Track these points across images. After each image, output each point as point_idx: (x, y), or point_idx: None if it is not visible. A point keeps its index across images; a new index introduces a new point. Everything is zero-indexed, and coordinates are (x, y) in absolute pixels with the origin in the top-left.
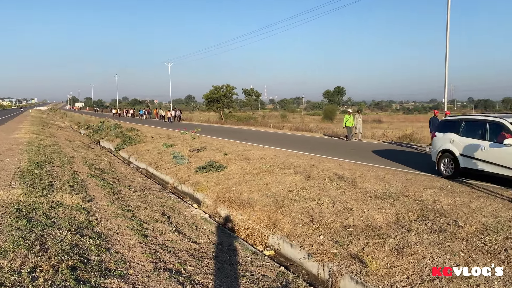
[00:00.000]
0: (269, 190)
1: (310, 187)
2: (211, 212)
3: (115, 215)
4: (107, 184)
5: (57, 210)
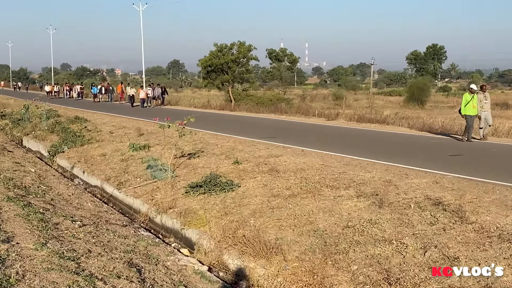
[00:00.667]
0: (313, 224)
1: (384, 221)
2: (212, 262)
3: (49, 267)
4: (35, 213)
5: None
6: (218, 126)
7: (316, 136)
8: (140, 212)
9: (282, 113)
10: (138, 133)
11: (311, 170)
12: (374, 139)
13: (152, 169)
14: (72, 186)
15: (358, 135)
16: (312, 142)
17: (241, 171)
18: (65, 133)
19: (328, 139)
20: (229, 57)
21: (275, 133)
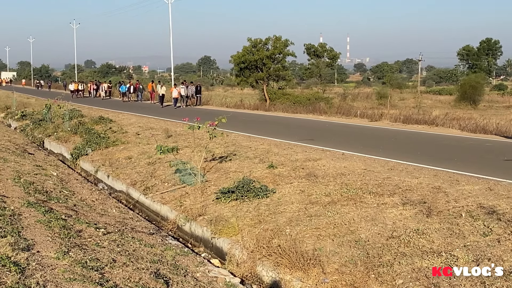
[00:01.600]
0: (354, 234)
1: (432, 231)
2: (245, 273)
3: (71, 277)
4: (57, 219)
5: None
6: (251, 127)
7: (358, 138)
8: (168, 220)
9: (321, 113)
10: (166, 134)
11: (352, 175)
12: (421, 141)
13: (180, 173)
14: (96, 191)
15: (404, 137)
16: (354, 145)
17: (276, 176)
18: (88, 134)
19: (371, 141)
20: (264, 53)
21: (313, 135)
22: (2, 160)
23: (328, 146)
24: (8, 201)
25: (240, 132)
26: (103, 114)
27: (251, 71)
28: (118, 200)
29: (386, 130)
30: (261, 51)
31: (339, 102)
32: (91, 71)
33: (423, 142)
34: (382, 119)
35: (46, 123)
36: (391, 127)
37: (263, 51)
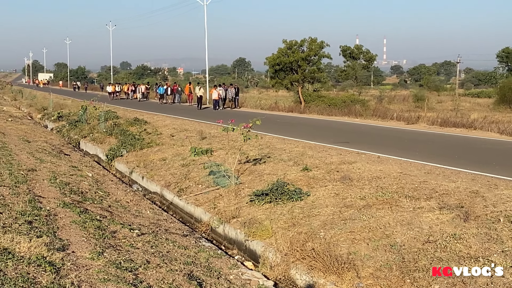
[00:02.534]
0: (389, 238)
1: (470, 236)
2: (278, 276)
3: (105, 277)
4: (92, 220)
5: (3, 265)
6: (286, 129)
7: (394, 141)
8: (202, 221)
9: (356, 116)
10: (200, 136)
11: (388, 178)
12: (459, 145)
13: (214, 175)
14: (130, 192)
15: (441, 140)
16: (390, 148)
17: (310, 178)
18: (123, 136)
19: (407, 144)
20: (299, 54)
21: (348, 138)
22: (38, 161)
23: (364, 149)
24: (44, 202)
25: (275, 134)
26: (138, 115)
27: (286, 73)
28: (152, 202)
29: (423, 133)
30: (296, 53)
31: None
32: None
33: (461, 146)
34: (419, 122)
35: (82, 124)
36: (428, 130)
37: (298, 53)
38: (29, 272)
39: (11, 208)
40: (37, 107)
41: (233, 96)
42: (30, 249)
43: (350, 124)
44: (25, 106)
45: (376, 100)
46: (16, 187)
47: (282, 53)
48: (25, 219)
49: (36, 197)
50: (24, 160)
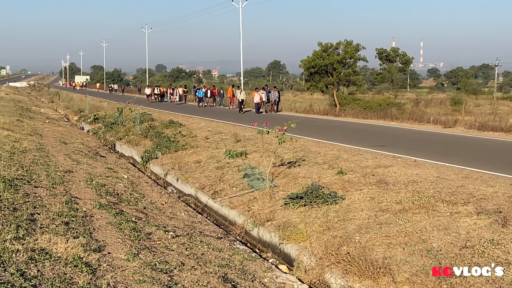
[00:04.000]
0: (426, 243)
1: (508, 241)
2: (313, 280)
3: (140, 279)
4: (127, 221)
5: (40, 265)
6: (321, 132)
7: (431, 145)
8: (236, 224)
9: (392, 119)
10: (234, 139)
11: (424, 182)
12: (497, 149)
13: (249, 178)
14: (165, 194)
15: (479, 144)
16: (426, 152)
17: (345, 182)
18: (158, 138)
19: (444, 148)
20: (335, 57)
21: (384, 141)
22: (75, 163)
23: (400, 153)
24: (81, 203)
25: (309, 137)
26: (173, 118)
27: (321, 76)
28: (186, 204)
29: (461, 136)
30: (331, 55)
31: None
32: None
33: (499, 150)
34: (456, 126)
35: (118, 126)
36: (466, 134)
37: (334, 55)
38: (66, 272)
39: (48, 209)
40: (74, 109)
41: (275, 100)
42: (67, 250)
43: (385, 127)
44: (62, 108)
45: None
46: (53, 188)
47: (317, 56)
48: (62, 220)
49: (73, 198)
50: (61, 162)
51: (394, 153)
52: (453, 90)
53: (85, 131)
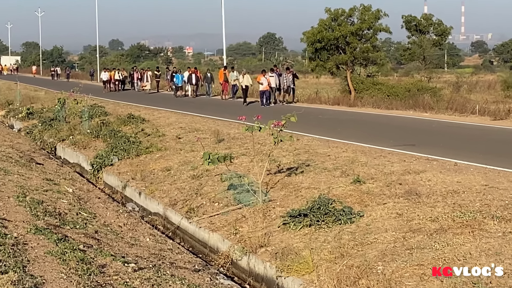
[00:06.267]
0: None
1: None
2: None
3: None
4: (73, 250)
5: None
6: (330, 128)
7: (477, 143)
8: (219, 252)
9: (425, 110)
10: (216, 138)
11: (468, 193)
12: None
13: (235, 190)
14: (124, 214)
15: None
16: (471, 152)
17: (364, 193)
18: (114, 138)
19: (494, 147)
20: (348, 28)
21: (414, 139)
22: (1, 173)
23: (435, 154)
24: (10, 226)
25: (315, 135)
26: (133, 111)
27: (330, 53)
28: (153, 226)
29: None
30: (343, 25)
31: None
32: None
33: None
34: (510, 117)
35: (59, 124)
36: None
37: (347, 25)
38: None
39: None
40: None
41: (289, 85)
42: None
43: (416, 120)
44: None
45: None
46: None
47: (325, 26)
48: None
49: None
50: None
51: (428, 155)
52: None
53: (15, 130)
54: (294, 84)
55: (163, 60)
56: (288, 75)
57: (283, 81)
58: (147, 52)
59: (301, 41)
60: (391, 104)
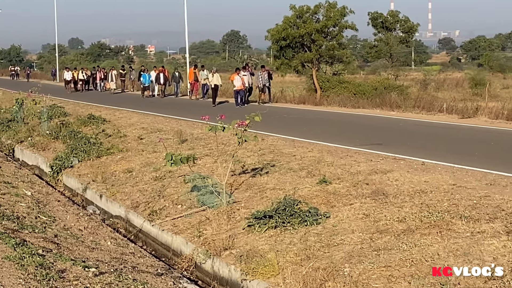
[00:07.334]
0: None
1: None
2: None
3: None
4: (32, 255)
5: None
6: (296, 127)
7: (444, 142)
8: (182, 255)
9: (392, 108)
10: (179, 139)
11: (436, 192)
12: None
13: (199, 191)
14: (84, 217)
15: (509, 139)
16: (438, 151)
17: (330, 194)
18: (74, 139)
19: (462, 146)
20: (313, 25)
21: (381, 138)
22: None
23: (403, 153)
24: None
25: (281, 134)
26: (94, 111)
27: (296, 51)
28: (114, 229)
29: (484, 130)
30: (309, 23)
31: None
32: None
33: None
34: (478, 115)
35: (18, 125)
36: (491, 125)
37: (312, 22)
38: None
39: None
40: None
41: (264, 84)
42: None
43: (383, 119)
44: None
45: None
46: None
47: (290, 24)
48: None
49: None
50: None
51: (395, 154)
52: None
53: None
54: (270, 83)
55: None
56: (264, 74)
57: (258, 80)
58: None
59: (265, 39)
60: (357, 102)
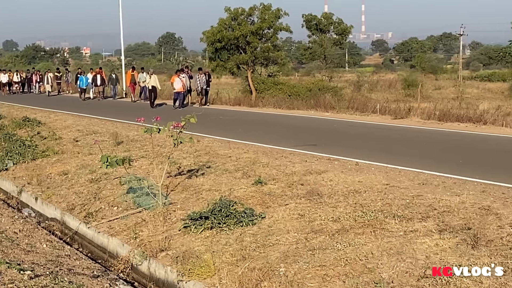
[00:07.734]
0: (373, 273)
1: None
2: None
3: None
4: None
5: None
6: (231, 129)
7: (378, 142)
8: (118, 257)
9: (326, 109)
10: (114, 141)
11: (370, 192)
12: (464, 145)
13: (135, 193)
14: (19, 219)
15: (440, 140)
16: (372, 152)
17: (265, 195)
18: (9, 142)
19: (395, 146)
20: (248, 27)
21: (316, 139)
22: None
23: (337, 154)
24: None
25: (216, 136)
26: (29, 114)
27: (231, 53)
28: (50, 231)
29: (416, 130)
30: (243, 25)
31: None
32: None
33: (467, 147)
34: (411, 116)
35: None
36: (423, 126)
37: (247, 25)
38: None
39: None
40: None
41: (202, 87)
42: None
43: (318, 120)
44: None
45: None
46: None
47: (225, 26)
48: None
49: None
50: None
51: (329, 155)
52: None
53: None
54: (209, 86)
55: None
56: (201, 76)
57: (196, 82)
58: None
59: (201, 41)
60: (292, 104)
